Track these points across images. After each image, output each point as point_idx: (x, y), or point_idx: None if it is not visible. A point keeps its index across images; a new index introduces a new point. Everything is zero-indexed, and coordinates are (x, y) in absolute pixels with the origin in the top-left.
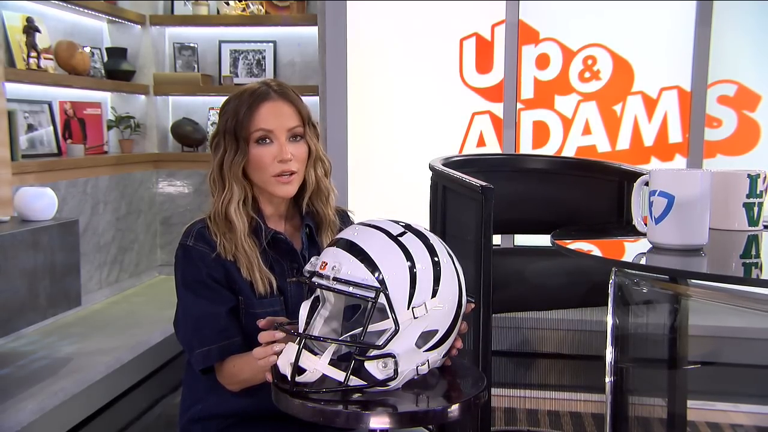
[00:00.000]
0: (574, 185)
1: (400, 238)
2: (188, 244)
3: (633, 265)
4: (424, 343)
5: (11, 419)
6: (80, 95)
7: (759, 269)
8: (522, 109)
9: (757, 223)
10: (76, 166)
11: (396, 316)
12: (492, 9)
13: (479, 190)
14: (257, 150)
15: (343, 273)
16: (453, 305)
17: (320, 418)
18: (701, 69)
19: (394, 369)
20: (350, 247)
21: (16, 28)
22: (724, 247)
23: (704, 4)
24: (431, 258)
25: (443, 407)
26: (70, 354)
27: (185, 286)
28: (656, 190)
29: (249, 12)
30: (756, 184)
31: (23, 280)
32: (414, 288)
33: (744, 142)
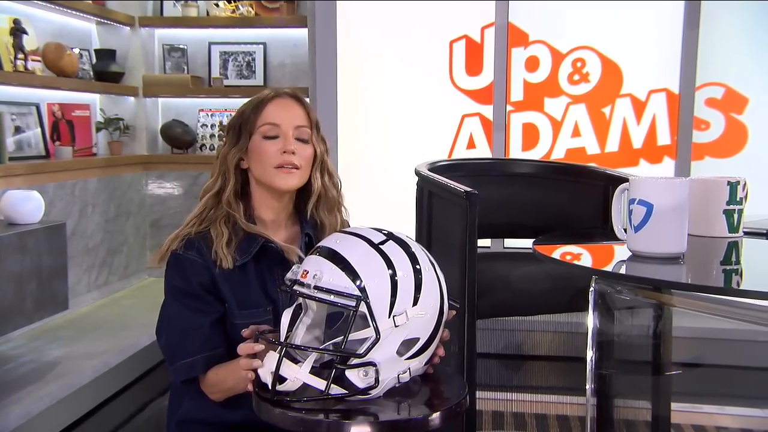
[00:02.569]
0: (561, 189)
1: (381, 246)
2: (179, 252)
3: (612, 274)
4: (406, 350)
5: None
6: (69, 97)
7: (739, 276)
8: (511, 112)
9: (737, 230)
10: (65, 168)
11: (377, 325)
12: (481, 11)
13: (464, 196)
14: (262, 143)
15: (324, 281)
16: (434, 313)
17: (301, 428)
18: (689, 72)
19: (375, 377)
20: (332, 256)
21: (3, 29)
22: (704, 254)
23: (692, 6)
24: (413, 266)
25: (424, 416)
26: (57, 358)
27: (172, 295)
28: (635, 198)
29: (239, 14)
30: (736, 191)
31: (9, 283)
32: (395, 296)
33: (732, 145)
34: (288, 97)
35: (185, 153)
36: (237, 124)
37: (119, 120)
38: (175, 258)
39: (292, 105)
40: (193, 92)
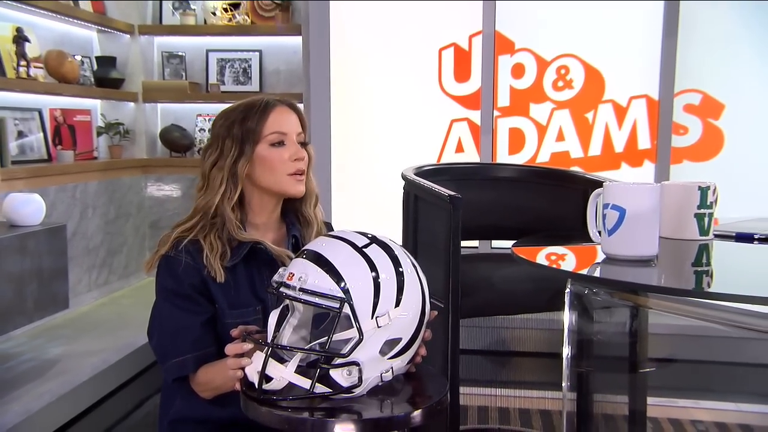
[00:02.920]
0: (542, 193)
1: (365, 250)
2: (170, 255)
3: (585, 276)
4: (388, 350)
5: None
6: (70, 102)
7: (710, 277)
8: (498, 117)
9: (707, 233)
10: (66, 171)
11: (360, 326)
12: (469, 20)
13: (448, 200)
14: (270, 152)
15: (309, 284)
16: (416, 314)
17: (286, 426)
18: (668, 79)
19: (358, 376)
20: (317, 259)
21: (5, 37)
22: (676, 256)
23: (670, 16)
24: (395, 269)
25: (406, 413)
26: (57, 356)
27: (164, 297)
28: (609, 203)
29: (235, 22)
30: (706, 196)
31: (10, 284)
32: (378, 298)
33: (709, 149)
34: (285, 105)
35: (183, 156)
36: (238, 134)
37: (119, 125)
38: (166, 260)
39: (290, 112)
40: (191, 98)
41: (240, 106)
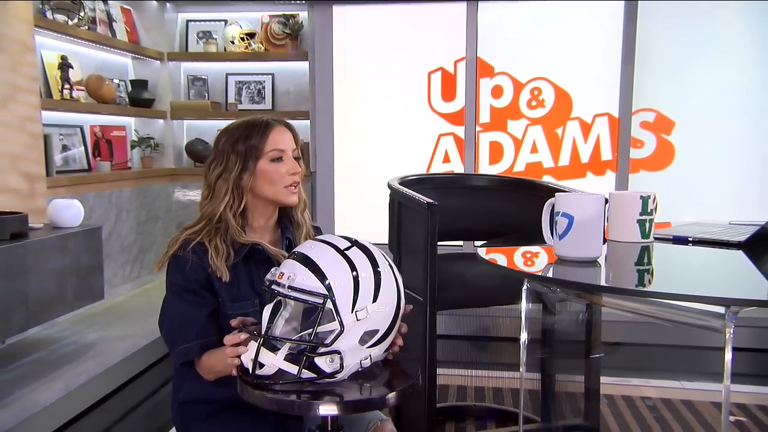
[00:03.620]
0: (511, 200)
1: (346, 252)
2: (179, 254)
3: (536, 276)
4: (367, 340)
5: (42, 396)
6: (108, 120)
7: (651, 275)
8: (480, 132)
9: (648, 236)
10: (103, 180)
11: (341, 319)
12: (455, 47)
13: (426, 206)
14: (271, 167)
15: (297, 282)
16: (392, 308)
17: (275, 407)
18: (626, 99)
19: (340, 363)
20: (304, 260)
21: (52, 64)
22: (621, 257)
23: (628, 45)
24: (373, 269)
25: (381, 396)
26: (94, 340)
27: (173, 291)
28: (560, 211)
29: (251, 49)
30: (647, 204)
31: (53, 278)
32: (357, 294)
33: (662, 160)
34: (282, 125)
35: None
36: (242, 150)
37: (150, 139)
38: (176, 259)
39: (286, 131)
40: (213, 115)
41: (242, 125)
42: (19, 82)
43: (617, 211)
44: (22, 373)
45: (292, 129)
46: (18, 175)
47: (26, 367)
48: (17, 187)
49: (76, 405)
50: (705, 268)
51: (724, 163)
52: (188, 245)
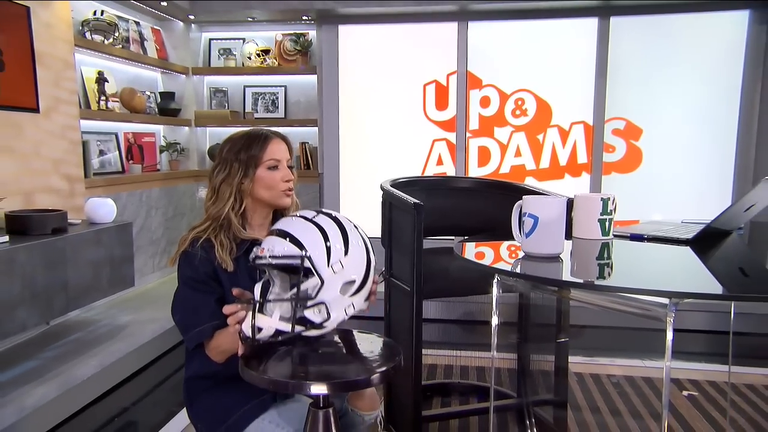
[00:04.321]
0: (491, 200)
1: (314, 219)
2: (189, 250)
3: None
4: (348, 290)
5: (80, 371)
6: (139, 128)
7: (610, 269)
8: (470, 138)
9: (608, 234)
10: (135, 180)
11: (320, 273)
12: (447, 62)
13: (413, 206)
14: (268, 174)
15: (276, 251)
16: (363, 259)
17: (272, 387)
18: (600, 109)
19: (327, 313)
20: (279, 233)
21: (90, 79)
22: (584, 252)
23: (601, 61)
24: (338, 227)
25: (366, 376)
26: (126, 322)
27: (185, 282)
28: (526, 212)
29: (266, 64)
30: (607, 205)
31: (89, 267)
32: (329, 251)
33: (631, 164)
34: (279, 138)
35: None
36: (244, 158)
37: (177, 144)
38: (186, 255)
39: (282, 144)
40: (232, 123)
41: (244, 136)
42: (60, 95)
43: (581, 211)
44: (64, 351)
45: (288, 141)
46: (60, 177)
47: (67, 345)
48: (59, 187)
49: (110, 379)
50: (655, 263)
51: (686, 166)
52: (197, 242)
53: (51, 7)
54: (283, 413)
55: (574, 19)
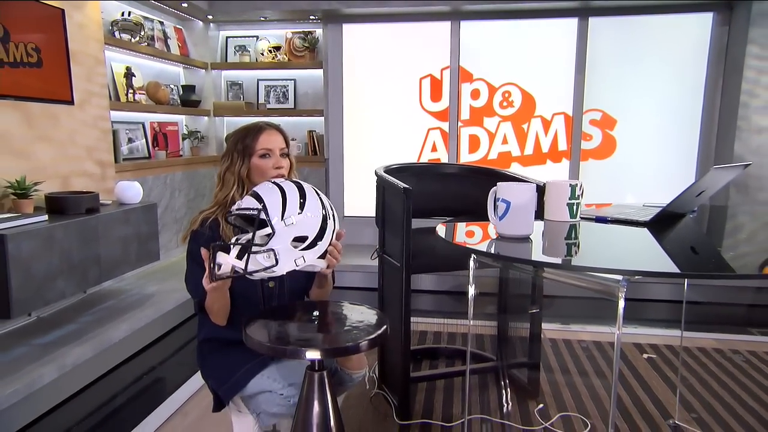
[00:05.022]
0: (475, 185)
1: (280, 183)
2: (198, 229)
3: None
4: (299, 244)
5: (112, 335)
6: (163, 118)
7: (577, 248)
8: (461, 127)
9: (576, 216)
10: (160, 165)
11: (272, 223)
12: (441, 58)
13: (403, 191)
14: (261, 161)
15: (243, 204)
16: (318, 220)
17: (271, 353)
18: (579, 101)
19: (275, 259)
20: (252, 194)
21: (119, 74)
22: (554, 233)
23: (580, 58)
24: (299, 191)
25: (355, 343)
26: (152, 292)
27: (192, 258)
28: (500, 197)
29: (277, 60)
30: (575, 191)
31: (119, 243)
32: (285, 207)
33: (606, 151)
34: (273, 129)
35: None
36: (241, 149)
37: (197, 132)
38: (194, 234)
39: (276, 133)
40: (247, 113)
41: (243, 129)
42: (92, 89)
43: (552, 196)
44: (98, 316)
45: (282, 132)
46: (93, 162)
47: (101, 312)
48: (92, 171)
49: (139, 341)
50: (615, 242)
51: (655, 153)
52: (206, 222)
53: (83, 8)
54: (281, 369)
55: (556, 20)
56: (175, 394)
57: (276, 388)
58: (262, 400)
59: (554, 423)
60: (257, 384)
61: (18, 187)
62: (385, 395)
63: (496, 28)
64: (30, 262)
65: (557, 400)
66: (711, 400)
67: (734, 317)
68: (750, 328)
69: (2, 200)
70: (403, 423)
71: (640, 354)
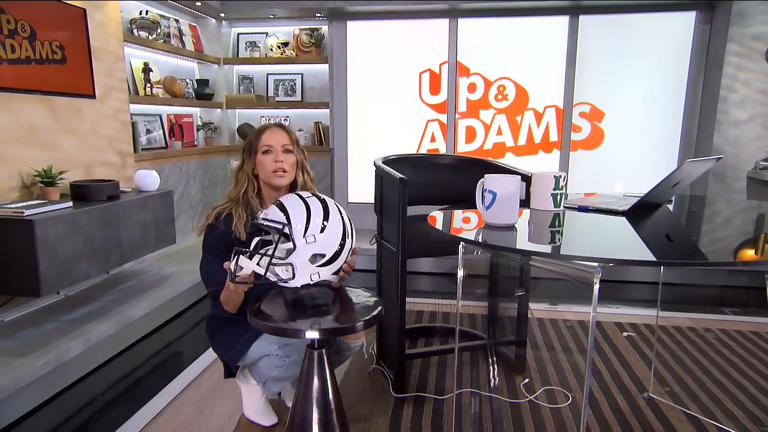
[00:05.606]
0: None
1: (306, 199)
2: (213, 223)
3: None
4: (316, 261)
5: (132, 313)
6: (179, 110)
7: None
8: (458, 118)
9: (559, 206)
10: (176, 155)
11: (294, 240)
12: (439, 53)
13: (398, 181)
14: (262, 157)
15: (269, 216)
16: (337, 239)
17: (274, 332)
18: (569, 94)
19: (293, 273)
20: (277, 204)
21: (138, 69)
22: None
23: (571, 54)
24: (323, 210)
25: (351, 325)
26: (170, 273)
27: (207, 250)
28: (487, 188)
29: (285, 55)
30: (559, 182)
31: (138, 228)
32: (308, 225)
33: (594, 142)
34: (276, 127)
35: None
36: (247, 148)
37: (211, 123)
38: (210, 227)
39: (278, 132)
40: (257, 105)
41: (252, 132)
42: (113, 83)
43: (537, 187)
44: (120, 295)
45: (286, 129)
46: (113, 152)
47: (122, 291)
48: (113, 161)
49: (157, 318)
50: (593, 231)
51: (641, 144)
52: (220, 216)
53: (104, 8)
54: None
55: (548, 17)
56: (190, 367)
57: (273, 350)
58: (263, 365)
59: (538, 396)
60: (258, 349)
61: (45, 176)
62: (382, 370)
63: (492, 26)
64: (56, 245)
65: (542, 375)
66: (683, 374)
67: (708, 297)
68: (722, 308)
69: (31, 188)
70: (399, 396)
71: (621, 332)
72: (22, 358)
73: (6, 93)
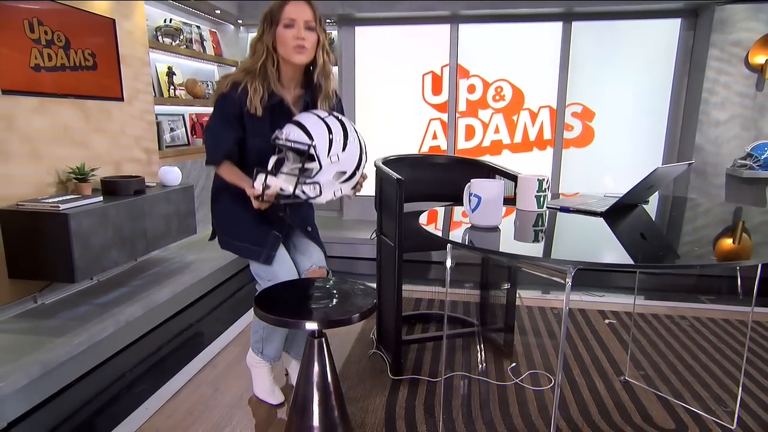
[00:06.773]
0: (462, 173)
1: (325, 119)
2: (225, 91)
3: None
4: (339, 178)
5: (157, 297)
6: (200, 110)
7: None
8: (459, 118)
9: (543, 206)
10: (198, 152)
11: (320, 160)
12: (441, 56)
13: (396, 181)
14: (284, 31)
15: (291, 137)
16: (356, 156)
17: (277, 323)
18: (562, 95)
19: (319, 190)
20: (297, 123)
21: (162, 72)
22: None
23: (564, 56)
24: (343, 130)
25: (348, 316)
26: (191, 260)
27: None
28: (472, 192)
29: None
30: (542, 185)
31: (162, 220)
32: (331, 145)
33: (585, 140)
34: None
35: None
36: (269, 17)
37: None
38: (222, 94)
39: (302, 6)
40: None
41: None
42: (139, 87)
43: (522, 189)
44: (146, 281)
45: (311, 4)
46: (140, 150)
47: (148, 277)
48: (140, 158)
49: (180, 302)
50: (572, 231)
51: (628, 142)
52: (237, 86)
53: (131, 18)
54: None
55: (543, 23)
56: (208, 348)
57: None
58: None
59: (524, 379)
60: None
61: (78, 173)
62: (381, 354)
63: (491, 31)
64: (89, 236)
65: (528, 360)
66: (657, 359)
67: (686, 285)
68: (699, 295)
69: (66, 183)
70: (396, 378)
71: (603, 319)
72: (61, 337)
73: (45, 98)
